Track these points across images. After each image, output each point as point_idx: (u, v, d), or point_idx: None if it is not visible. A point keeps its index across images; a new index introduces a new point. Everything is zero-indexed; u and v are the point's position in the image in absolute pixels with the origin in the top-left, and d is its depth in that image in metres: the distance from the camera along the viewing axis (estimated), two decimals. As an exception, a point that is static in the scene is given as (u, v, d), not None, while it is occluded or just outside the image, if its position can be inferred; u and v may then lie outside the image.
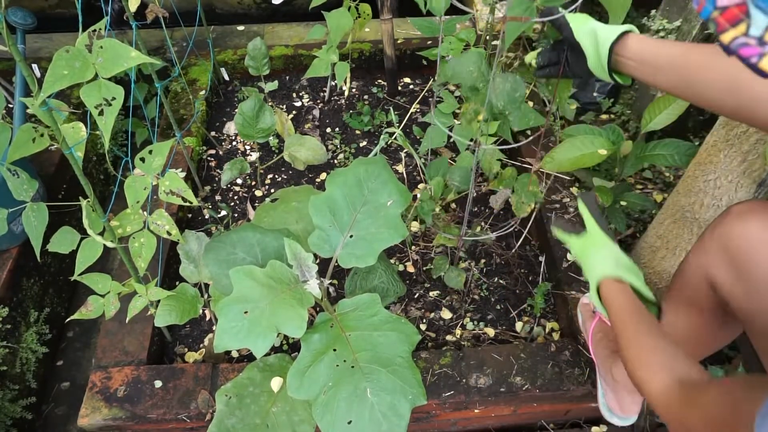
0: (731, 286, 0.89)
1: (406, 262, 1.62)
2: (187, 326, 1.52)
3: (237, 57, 2.15)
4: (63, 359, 1.70)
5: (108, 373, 1.32)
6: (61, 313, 1.74)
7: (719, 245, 0.90)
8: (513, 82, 1.14)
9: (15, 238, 1.54)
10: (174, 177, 1.10)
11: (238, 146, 1.97)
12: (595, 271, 0.97)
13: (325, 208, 1.26)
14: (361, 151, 1.94)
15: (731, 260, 0.88)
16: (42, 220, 1.09)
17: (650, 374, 0.78)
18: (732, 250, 0.87)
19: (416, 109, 2.04)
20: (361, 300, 1.23)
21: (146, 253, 1.14)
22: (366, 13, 1.74)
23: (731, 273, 0.89)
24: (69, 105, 1.93)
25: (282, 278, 1.15)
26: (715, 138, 1.17)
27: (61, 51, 0.81)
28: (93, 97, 0.83)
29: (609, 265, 0.96)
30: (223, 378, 1.31)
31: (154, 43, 2.22)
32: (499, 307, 1.52)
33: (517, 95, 1.13)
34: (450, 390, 1.28)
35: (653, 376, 0.78)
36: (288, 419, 1.19)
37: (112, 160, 2.15)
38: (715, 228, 0.93)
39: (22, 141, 0.97)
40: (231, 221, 1.74)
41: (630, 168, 1.48)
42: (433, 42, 2.16)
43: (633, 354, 0.83)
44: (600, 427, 1.40)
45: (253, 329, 1.06)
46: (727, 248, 0.88)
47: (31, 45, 2.15)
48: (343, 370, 1.13)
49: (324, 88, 2.15)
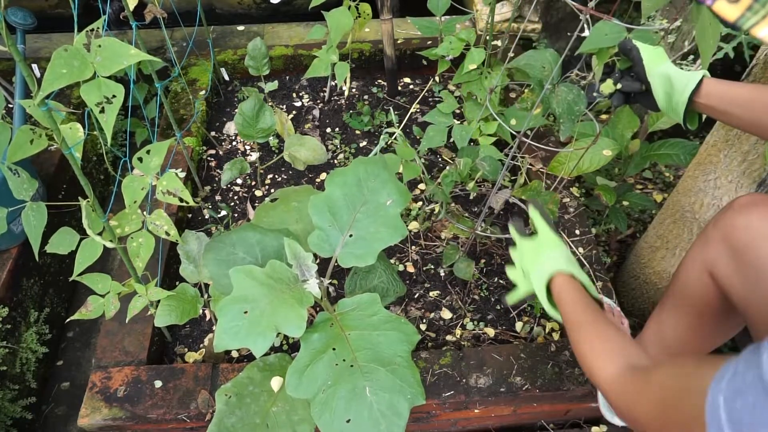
0: (731, 277, 0.90)
1: (406, 262, 1.61)
2: (187, 326, 1.52)
3: (237, 57, 2.15)
4: (63, 359, 1.70)
5: (108, 373, 1.32)
6: (61, 313, 1.74)
7: (721, 237, 0.91)
8: (576, 95, 1.17)
9: (15, 237, 1.54)
10: (171, 177, 1.10)
11: (238, 146, 1.97)
12: (546, 267, 0.96)
13: (325, 207, 1.26)
14: (361, 151, 1.93)
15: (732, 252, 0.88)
16: (41, 220, 1.09)
17: (603, 362, 0.77)
18: (733, 241, 0.88)
19: (416, 109, 2.04)
20: (360, 299, 1.22)
21: (144, 254, 1.13)
22: (366, 13, 1.74)
23: (731, 264, 0.89)
24: (69, 105, 1.93)
25: (282, 278, 1.14)
26: (715, 138, 1.17)
27: (60, 50, 0.81)
28: (93, 96, 0.83)
29: (561, 262, 0.96)
30: (223, 378, 1.31)
31: (153, 43, 2.22)
32: (499, 307, 1.52)
33: (576, 108, 1.17)
34: (450, 390, 1.28)
35: (607, 363, 0.77)
36: (288, 419, 1.19)
37: (111, 160, 2.15)
38: (717, 220, 0.94)
39: (20, 142, 0.97)
40: (231, 221, 1.74)
41: (634, 168, 1.48)
42: (433, 42, 2.16)
43: (586, 346, 0.82)
44: (600, 428, 1.39)
45: (253, 329, 1.06)
46: (729, 240, 0.89)
47: (31, 45, 2.16)
48: (343, 369, 1.13)
49: (324, 88, 2.15)
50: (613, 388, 0.74)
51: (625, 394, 0.71)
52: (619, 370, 0.74)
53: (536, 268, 0.99)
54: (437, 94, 2.09)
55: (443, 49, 1.56)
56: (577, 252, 1.52)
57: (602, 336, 0.82)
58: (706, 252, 0.96)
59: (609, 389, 0.75)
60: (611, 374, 0.75)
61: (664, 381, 0.64)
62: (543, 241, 1.02)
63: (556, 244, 1.01)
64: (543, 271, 0.97)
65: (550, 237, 1.02)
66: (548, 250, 0.99)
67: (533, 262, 1.00)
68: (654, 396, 0.64)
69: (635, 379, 0.71)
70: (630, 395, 0.70)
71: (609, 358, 0.77)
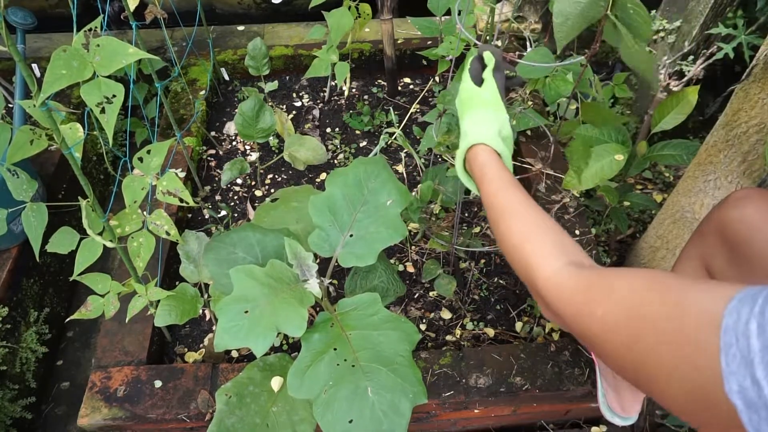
0: (726, 271, 0.90)
1: (406, 262, 1.62)
2: (187, 326, 1.52)
3: (237, 57, 2.15)
4: (63, 359, 1.70)
5: (108, 372, 1.32)
6: (61, 313, 1.74)
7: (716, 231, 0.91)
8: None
9: (15, 237, 1.54)
10: (171, 177, 1.10)
11: (238, 146, 1.97)
12: (474, 132, 0.85)
13: (325, 207, 1.26)
14: (361, 151, 1.93)
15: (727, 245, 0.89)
16: (41, 220, 1.09)
17: (543, 257, 0.64)
18: (728, 234, 0.88)
19: (416, 109, 2.04)
20: (361, 299, 1.22)
21: (144, 253, 1.13)
22: (366, 13, 1.74)
23: (726, 257, 0.89)
24: (69, 105, 1.93)
25: (282, 278, 1.14)
26: (715, 138, 1.17)
27: (59, 51, 0.81)
28: (93, 96, 0.83)
29: (491, 132, 0.84)
30: (222, 378, 1.31)
31: (154, 43, 2.22)
32: (498, 307, 1.52)
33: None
34: (450, 390, 1.28)
35: (548, 258, 0.64)
36: (288, 418, 1.19)
37: (111, 160, 2.15)
38: (712, 215, 0.94)
39: (20, 143, 0.97)
40: (231, 221, 1.74)
41: (635, 168, 1.48)
42: (433, 42, 2.16)
43: (519, 236, 0.69)
44: (600, 428, 1.40)
45: (253, 328, 1.06)
46: (724, 233, 0.89)
47: (31, 45, 2.15)
48: (344, 369, 1.13)
49: (324, 88, 2.15)
50: (557, 288, 0.61)
51: (574, 296, 0.58)
52: (564, 267, 0.62)
53: (467, 125, 0.87)
54: (437, 94, 2.09)
55: (443, 49, 1.56)
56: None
57: (541, 226, 0.69)
58: (702, 247, 0.96)
59: (551, 288, 0.61)
60: (555, 271, 0.62)
61: (635, 288, 0.52)
62: (485, 96, 0.89)
63: (496, 104, 0.88)
64: (470, 135, 0.85)
65: (494, 93, 0.89)
66: (485, 109, 0.87)
67: (467, 116, 0.89)
68: (619, 304, 0.52)
69: (590, 280, 0.57)
70: (581, 297, 0.57)
71: (551, 253, 0.64)
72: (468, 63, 0.95)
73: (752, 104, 1.04)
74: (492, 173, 0.79)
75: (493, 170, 0.79)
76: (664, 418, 1.37)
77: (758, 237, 0.84)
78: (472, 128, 0.86)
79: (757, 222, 0.84)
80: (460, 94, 0.93)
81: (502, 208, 0.74)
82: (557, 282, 0.61)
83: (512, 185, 0.76)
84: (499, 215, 0.74)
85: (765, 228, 0.83)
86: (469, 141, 0.85)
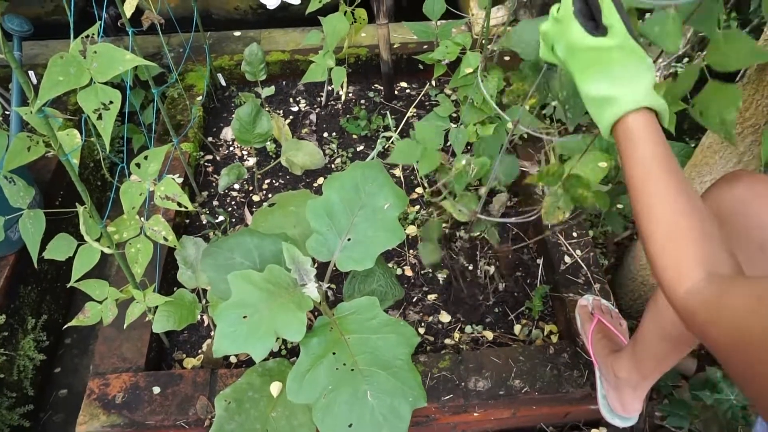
0: None
1: (404, 265, 1.62)
2: (185, 332, 1.51)
3: (234, 62, 2.15)
4: (61, 366, 1.69)
5: (106, 379, 1.31)
6: (59, 320, 1.74)
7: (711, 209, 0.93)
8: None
9: (12, 245, 1.53)
10: (170, 182, 1.10)
11: (236, 151, 1.97)
12: (624, 95, 0.68)
13: (323, 212, 1.26)
14: (359, 155, 1.94)
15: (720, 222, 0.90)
16: (39, 227, 1.08)
17: (683, 269, 0.59)
18: (722, 211, 0.90)
19: (413, 113, 2.04)
20: (359, 303, 1.22)
21: (143, 259, 1.13)
22: (362, 18, 1.75)
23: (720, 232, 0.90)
24: (65, 111, 1.93)
25: (280, 282, 1.14)
26: (711, 140, 1.18)
27: (56, 57, 0.81)
28: (91, 102, 0.83)
29: (645, 87, 0.68)
30: (221, 383, 1.30)
31: (150, 49, 2.22)
32: (497, 310, 1.52)
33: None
34: (449, 393, 1.28)
35: (686, 272, 0.59)
36: (288, 423, 1.18)
37: (108, 166, 2.15)
38: (705, 197, 0.95)
39: (17, 149, 0.97)
40: (229, 226, 1.74)
41: (627, 170, 1.48)
42: (429, 46, 2.17)
43: (662, 233, 0.62)
44: (599, 429, 1.40)
45: (252, 333, 1.06)
46: (716, 212, 0.90)
47: (28, 52, 2.15)
48: (343, 373, 1.13)
49: (321, 93, 2.15)
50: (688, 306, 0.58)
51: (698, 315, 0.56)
52: (693, 284, 0.58)
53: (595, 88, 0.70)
54: (434, 98, 2.10)
55: (439, 53, 1.57)
56: (575, 254, 1.52)
57: (702, 233, 0.61)
58: None
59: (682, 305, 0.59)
60: (686, 288, 0.58)
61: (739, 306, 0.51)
62: (621, 46, 0.70)
63: (637, 53, 0.70)
64: (617, 98, 0.68)
65: (628, 41, 0.70)
66: (628, 62, 0.69)
67: (588, 75, 0.71)
68: (729, 321, 0.51)
69: (707, 298, 0.56)
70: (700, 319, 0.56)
71: (689, 266, 0.59)
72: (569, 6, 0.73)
73: (747, 105, 1.05)
74: (645, 151, 0.66)
75: (648, 147, 0.66)
76: (663, 420, 1.37)
77: (750, 212, 0.87)
78: (620, 90, 0.68)
79: (748, 197, 0.88)
80: (577, 54, 0.73)
81: (645, 193, 0.65)
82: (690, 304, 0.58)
83: (664, 167, 0.65)
84: (643, 194, 0.65)
85: (755, 202, 0.86)
86: (623, 107, 0.67)
